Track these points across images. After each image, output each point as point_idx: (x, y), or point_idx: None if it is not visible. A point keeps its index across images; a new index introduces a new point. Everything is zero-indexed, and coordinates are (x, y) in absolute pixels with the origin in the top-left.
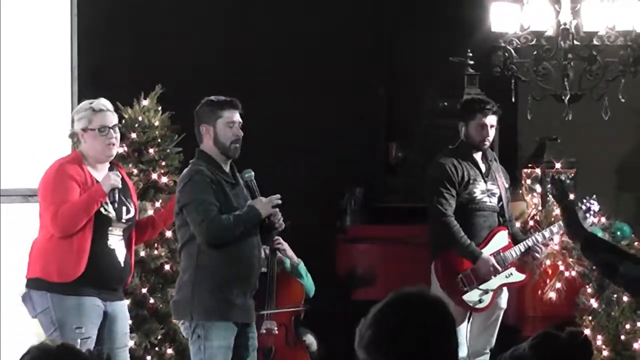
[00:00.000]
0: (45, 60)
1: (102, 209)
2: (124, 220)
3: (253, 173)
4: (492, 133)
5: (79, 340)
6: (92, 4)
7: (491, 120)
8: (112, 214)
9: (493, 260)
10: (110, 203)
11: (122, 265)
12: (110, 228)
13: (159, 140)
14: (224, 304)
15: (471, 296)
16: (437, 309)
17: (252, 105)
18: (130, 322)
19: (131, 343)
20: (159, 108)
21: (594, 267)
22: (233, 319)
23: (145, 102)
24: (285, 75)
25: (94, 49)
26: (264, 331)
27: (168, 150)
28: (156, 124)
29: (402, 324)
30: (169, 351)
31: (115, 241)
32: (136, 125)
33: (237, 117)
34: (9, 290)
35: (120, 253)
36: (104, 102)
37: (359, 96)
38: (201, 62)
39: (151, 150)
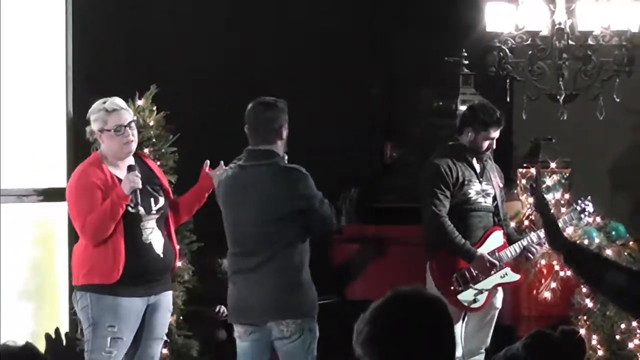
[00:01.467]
0: (40, 60)
1: (129, 208)
2: (154, 212)
3: (286, 156)
4: (494, 145)
5: (109, 339)
6: (87, 4)
7: (498, 133)
8: (141, 209)
9: (488, 257)
10: (134, 205)
11: (162, 255)
12: (142, 223)
13: (154, 140)
14: (316, 297)
15: (466, 296)
16: (434, 307)
17: (246, 104)
18: None
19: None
20: (154, 108)
21: (579, 277)
22: None
23: (140, 102)
24: (280, 75)
25: (89, 49)
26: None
27: (163, 150)
28: (151, 123)
29: (399, 322)
30: (164, 351)
31: (150, 234)
32: None
33: None
34: (8, 289)
35: (158, 244)
36: (117, 102)
37: (355, 96)
38: (197, 61)
39: (146, 150)
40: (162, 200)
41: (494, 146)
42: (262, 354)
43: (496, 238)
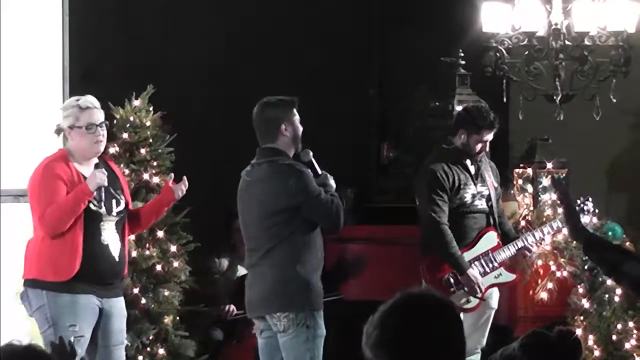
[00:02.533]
0: (36, 60)
1: (91, 205)
2: (114, 214)
3: (311, 153)
4: (487, 147)
5: (72, 338)
6: (83, 4)
7: (492, 136)
8: (102, 209)
9: (479, 279)
10: (97, 202)
11: (117, 259)
12: (101, 223)
13: (151, 140)
14: (322, 293)
15: (458, 297)
16: (443, 309)
17: (242, 105)
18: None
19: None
20: (151, 108)
21: (597, 266)
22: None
23: (136, 102)
24: (277, 76)
25: (86, 49)
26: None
27: (160, 151)
28: (147, 124)
29: (408, 324)
30: (161, 351)
31: (108, 236)
32: (127, 125)
33: None
34: (5, 290)
35: (115, 247)
36: (90, 100)
37: (351, 96)
38: (193, 62)
39: (143, 151)
40: (123, 204)
41: (487, 148)
42: (274, 352)
43: (489, 239)
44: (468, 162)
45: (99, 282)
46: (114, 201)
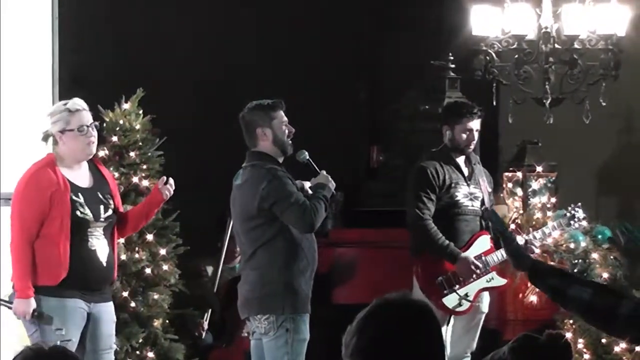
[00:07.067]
0: (26, 63)
1: (78, 212)
2: (102, 219)
3: (307, 152)
4: (476, 137)
5: (58, 342)
6: (73, 7)
7: (476, 124)
8: (89, 215)
9: (472, 259)
10: (83, 209)
11: (105, 264)
12: (89, 229)
13: (140, 143)
14: (307, 297)
15: (451, 299)
16: (421, 313)
17: (233, 108)
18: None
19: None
20: (140, 111)
21: (544, 293)
22: (310, 312)
23: (126, 106)
24: (267, 79)
25: (75, 52)
26: (246, 334)
27: (149, 154)
28: (137, 127)
29: (386, 331)
30: (150, 355)
31: (96, 241)
32: (117, 128)
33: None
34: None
35: (103, 252)
36: (78, 102)
37: (341, 100)
38: (183, 65)
39: (132, 154)
40: (111, 210)
41: (475, 138)
42: (263, 353)
43: (483, 242)
44: (461, 162)
45: (86, 287)
46: (101, 207)
